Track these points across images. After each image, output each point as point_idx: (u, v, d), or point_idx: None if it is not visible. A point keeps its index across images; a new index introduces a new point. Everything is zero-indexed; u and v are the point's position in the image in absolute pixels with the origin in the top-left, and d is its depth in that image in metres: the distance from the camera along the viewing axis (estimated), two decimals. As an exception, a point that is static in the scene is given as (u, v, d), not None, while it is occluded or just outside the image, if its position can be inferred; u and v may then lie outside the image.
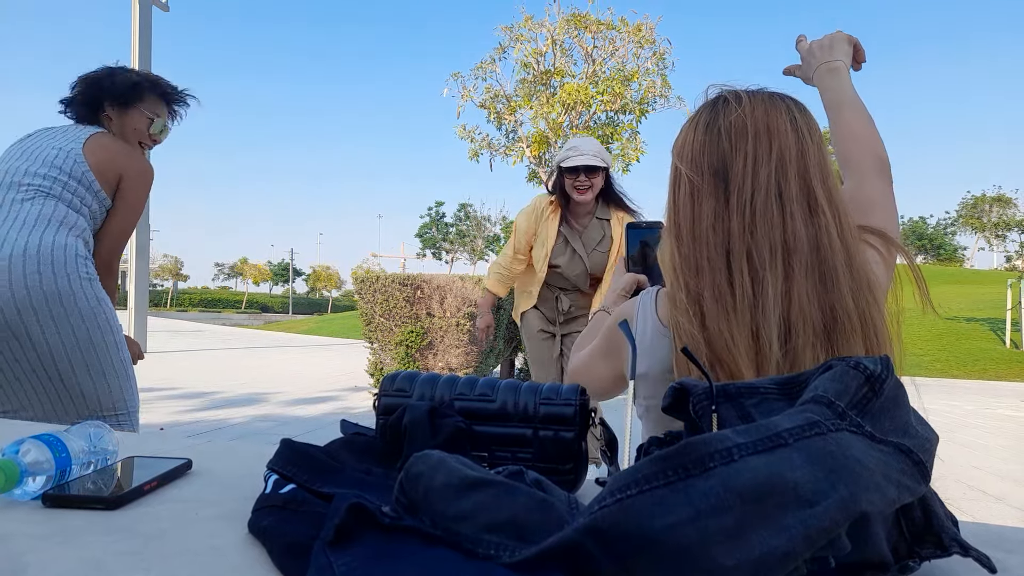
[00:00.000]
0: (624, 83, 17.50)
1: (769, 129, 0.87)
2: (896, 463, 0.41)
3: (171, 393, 6.08)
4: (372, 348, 6.26)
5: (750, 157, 0.85)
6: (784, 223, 0.83)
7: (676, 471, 0.37)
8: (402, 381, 0.75)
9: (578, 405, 0.70)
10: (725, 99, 0.91)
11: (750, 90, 0.92)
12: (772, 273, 0.82)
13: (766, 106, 0.88)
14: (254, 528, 0.53)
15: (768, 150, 0.86)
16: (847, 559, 0.39)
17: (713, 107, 0.91)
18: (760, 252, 0.83)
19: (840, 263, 0.83)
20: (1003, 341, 12.77)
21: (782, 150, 0.86)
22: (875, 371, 0.45)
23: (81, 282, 1.56)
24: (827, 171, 0.88)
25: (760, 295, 0.81)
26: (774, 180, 0.85)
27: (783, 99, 0.90)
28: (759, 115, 0.87)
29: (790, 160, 0.86)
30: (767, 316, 0.80)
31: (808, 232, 0.83)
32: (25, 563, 0.47)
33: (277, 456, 0.62)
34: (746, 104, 0.89)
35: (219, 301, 76.24)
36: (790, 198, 0.84)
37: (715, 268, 0.84)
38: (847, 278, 0.83)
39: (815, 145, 0.88)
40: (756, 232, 0.83)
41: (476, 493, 0.44)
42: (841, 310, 0.81)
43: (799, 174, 0.85)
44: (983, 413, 6.58)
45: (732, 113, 0.88)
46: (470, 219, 51.77)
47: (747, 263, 0.83)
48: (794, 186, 0.85)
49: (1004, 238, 49.31)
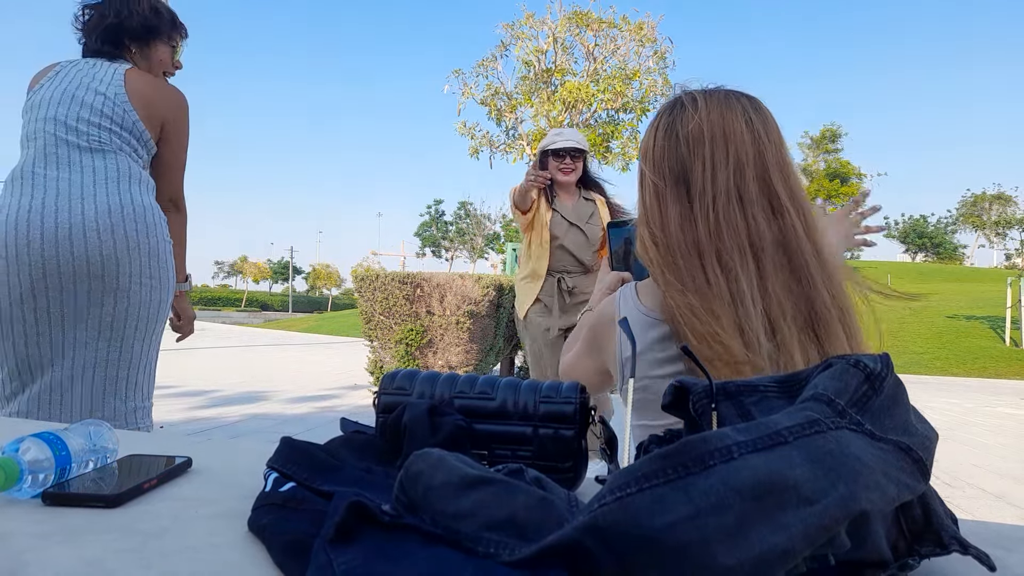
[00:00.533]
0: (625, 82, 17.49)
1: (725, 133, 0.88)
2: (896, 461, 0.41)
3: (171, 391, 6.08)
4: (372, 346, 6.26)
5: (708, 162, 0.87)
6: (748, 225, 0.85)
7: (676, 469, 0.37)
8: (402, 379, 0.75)
9: (578, 403, 0.70)
10: (682, 103, 0.92)
11: (708, 91, 0.93)
12: (745, 272, 0.84)
13: (721, 109, 0.89)
14: (254, 526, 0.53)
15: (725, 154, 0.87)
16: (847, 557, 0.39)
17: (671, 112, 0.93)
18: (730, 254, 0.84)
19: (810, 258, 0.85)
20: (1003, 339, 12.77)
21: (739, 153, 0.87)
22: (875, 369, 0.45)
23: (168, 248, 1.64)
24: (787, 169, 0.89)
25: (737, 293, 0.83)
26: (733, 183, 0.86)
27: (739, 100, 0.91)
28: (715, 119, 0.89)
29: (748, 162, 0.87)
30: (748, 312, 0.82)
31: (772, 231, 0.85)
32: (25, 561, 0.47)
33: (277, 454, 0.62)
34: (702, 108, 0.90)
35: (219, 299, 76.21)
36: (751, 200, 0.86)
37: (691, 267, 0.86)
38: (819, 271, 0.84)
39: (773, 144, 0.89)
40: (722, 235, 0.85)
41: (476, 491, 0.44)
42: (820, 303, 0.83)
43: (758, 175, 0.87)
44: (983, 411, 6.58)
45: (689, 119, 0.90)
46: (470, 217, 51.75)
47: (718, 264, 0.85)
48: (753, 188, 0.86)
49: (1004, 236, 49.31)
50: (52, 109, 1.61)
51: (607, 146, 17.84)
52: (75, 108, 1.60)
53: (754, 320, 0.82)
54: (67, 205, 1.50)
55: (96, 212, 1.51)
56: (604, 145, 17.78)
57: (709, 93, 0.92)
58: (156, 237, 1.59)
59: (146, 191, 1.62)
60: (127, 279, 1.53)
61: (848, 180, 35.50)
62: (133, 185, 1.59)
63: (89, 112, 1.60)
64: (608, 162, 18.03)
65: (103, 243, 1.49)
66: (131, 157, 1.63)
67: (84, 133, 1.58)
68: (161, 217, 1.63)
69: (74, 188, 1.52)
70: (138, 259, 1.54)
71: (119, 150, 1.61)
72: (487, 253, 51.09)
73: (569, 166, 3.20)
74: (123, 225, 1.52)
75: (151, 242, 1.57)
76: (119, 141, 1.61)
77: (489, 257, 51.16)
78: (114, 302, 1.52)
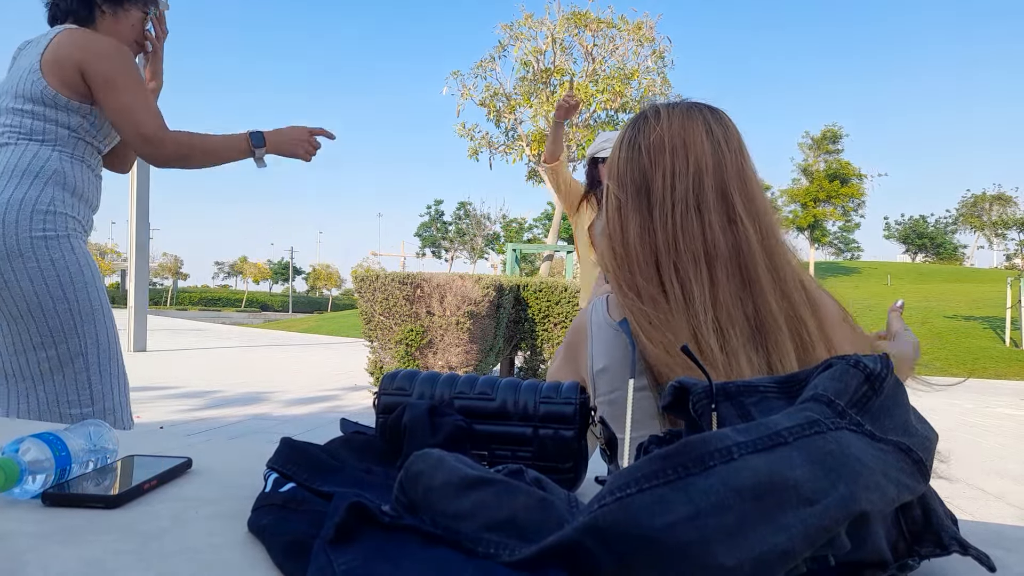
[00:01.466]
0: (624, 81, 17.50)
1: (686, 143, 0.90)
2: (896, 461, 0.41)
3: (171, 392, 6.08)
4: (372, 347, 6.26)
5: (668, 172, 0.90)
6: (704, 233, 0.87)
7: (676, 469, 0.37)
8: (402, 380, 0.75)
9: (578, 403, 0.70)
10: (645, 116, 0.95)
11: (671, 103, 0.96)
12: (698, 280, 0.86)
13: (683, 120, 0.92)
14: (254, 527, 0.53)
15: (685, 164, 0.89)
16: (847, 558, 0.39)
17: (635, 125, 0.96)
18: (685, 262, 0.87)
19: (761, 267, 0.86)
20: (1003, 339, 12.77)
21: (698, 162, 0.89)
22: (875, 370, 0.45)
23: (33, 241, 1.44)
24: (746, 179, 0.91)
25: (690, 302, 0.85)
26: (692, 192, 0.88)
27: (701, 111, 0.93)
28: (676, 130, 0.91)
29: (707, 171, 0.89)
30: (699, 320, 0.84)
31: (727, 239, 0.87)
32: (25, 562, 0.47)
33: (277, 455, 0.62)
34: (664, 120, 0.92)
35: (219, 300, 76.24)
36: (708, 208, 0.88)
37: (647, 277, 0.88)
38: (769, 281, 0.86)
39: (732, 154, 0.91)
40: (680, 243, 0.87)
41: (476, 492, 0.44)
42: (765, 311, 0.85)
43: (715, 185, 0.89)
44: (983, 411, 6.58)
45: (651, 130, 0.92)
46: (469, 217, 51.74)
47: (675, 273, 0.87)
48: (711, 196, 0.88)
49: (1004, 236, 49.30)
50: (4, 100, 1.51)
51: (607, 146, 17.81)
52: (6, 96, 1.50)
53: (704, 328, 0.84)
54: None
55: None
56: (604, 145, 17.75)
57: (672, 105, 0.95)
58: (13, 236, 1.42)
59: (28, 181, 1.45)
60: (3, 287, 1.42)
61: (848, 181, 35.49)
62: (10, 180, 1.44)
63: (12, 97, 1.49)
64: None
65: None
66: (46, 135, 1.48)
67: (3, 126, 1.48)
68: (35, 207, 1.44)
69: None
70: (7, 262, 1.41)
71: (27, 136, 1.47)
72: (487, 253, 51.10)
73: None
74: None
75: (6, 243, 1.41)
76: (32, 121, 1.47)
77: (489, 257, 51.18)
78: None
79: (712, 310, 0.85)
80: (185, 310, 59.65)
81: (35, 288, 1.43)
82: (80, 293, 1.48)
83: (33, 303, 1.44)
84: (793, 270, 0.89)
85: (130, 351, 9.63)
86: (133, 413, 1.64)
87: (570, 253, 14.10)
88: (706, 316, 0.84)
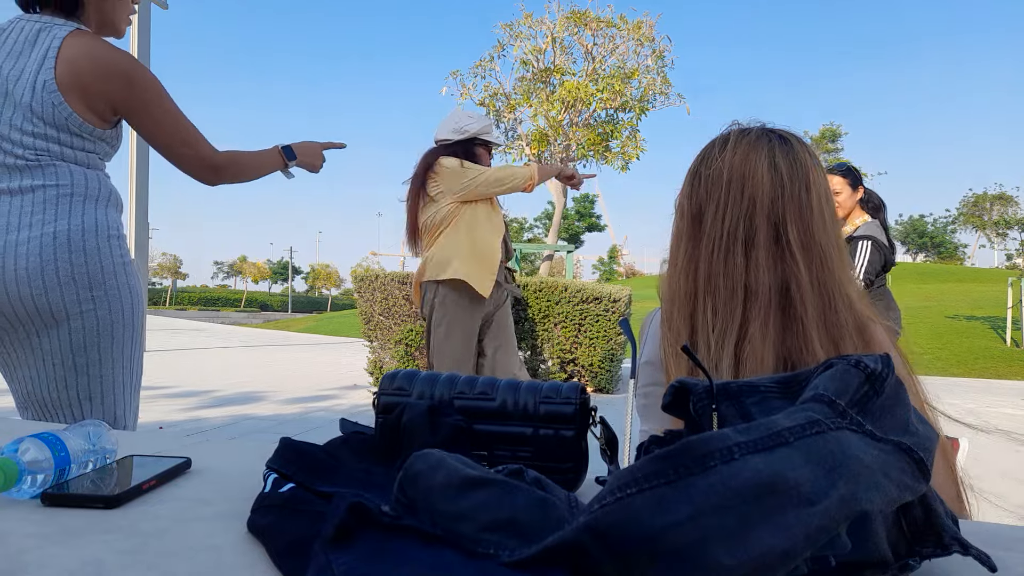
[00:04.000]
0: (624, 81, 17.50)
1: (743, 176, 0.89)
2: (896, 461, 0.41)
3: (170, 392, 6.08)
4: (371, 347, 6.26)
5: (721, 204, 0.89)
6: (747, 268, 0.86)
7: (676, 470, 0.37)
8: (402, 380, 0.75)
9: (578, 404, 0.70)
10: (713, 145, 0.94)
11: (742, 130, 0.94)
12: (731, 316, 0.86)
13: (747, 151, 0.90)
14: (253, 527, 0.53)
15: (739, 196, 0.88)
16: (847, 558, 0.39)
17: (702, 154, 0.95)
18: (721, 295, 0.87)
19: (809, 305, 0.83)
20: (1004, 339, 12.77)
21: (753, 196, 0.88)
22: (876, 369, 0.45)
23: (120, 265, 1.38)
24: (806, 213, 0.87)
25: (718, 332, 0.86)
26: (743, 226, 0.87)
27: (768, 142, 0.91)
28: (737, 162, 0.90)
29: (760, 205, 0.87)
30: (720, 351, 0.85)
31: (774, 276, 0.85)
32: (24, 562, 0.47)
33: (276, 455, 0.62)
34: (728, 150, 0.91)
35: (218, 300, 76.19)
36: (757, 244, 0.86)
37: (683, 315, 0.90)
38: (816, 319, 0.83)
39: (795, 186, 0.88)
40: (720, 278, 0.87)
41: (476, 492, 0.44)
42: (807, 352, 0.82)
43: (768, 219, 0.87)
44: (983, 411, 6.58)
45: (713, 160, 0.92)
46: (470, 217, 51.59)
47: (710, 305, 0.87)
48: (762, 231, 0.87)
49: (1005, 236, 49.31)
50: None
51: (606, 145, 17.85)
52: (12, 111, 1.31)
53: (724, 360, 0.84)
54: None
55: (27, 252, 1.28)
56: (603, 144, 17.78)
57: (742, 132, 0.93)
58: (97, 263, 1.34)
59: (92, 205, 1.36)
60: (63, 313, 1.32)
61: (848, 180, 35.43)
62: (74, 204, 1.33)
63: (14, 113, 1.30)
64: (608, 161, 18.04)
65: (33, 290, 1.29)
66: (77, 160, 1.36)
67: (15, 144, 1.30)
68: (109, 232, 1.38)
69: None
70: (74, 291, 1.32)
71: (58, 159, 1.33)
72: (487, 253, 50.97)
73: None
74: (54, 263, 1.29)
75: (90, 270, 1.33)
76: (58, 147, 1.33)
77: (489, 257, 51.07)
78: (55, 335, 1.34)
79: (735, 343, 0.84)
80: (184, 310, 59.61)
81: (112, 316, 1.38)
82: (140, 319, 1.45)
83: (105, 331, 1.37)
84: (854, 313, 0.85)
85: (130, 351, 9.62)
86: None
87: (571, 252, 14.10)
88: (727, 348, 0.84)
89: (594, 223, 46.93)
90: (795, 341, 0.83)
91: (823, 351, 0.82)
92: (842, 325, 0.84)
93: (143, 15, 9.46)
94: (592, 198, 46.58)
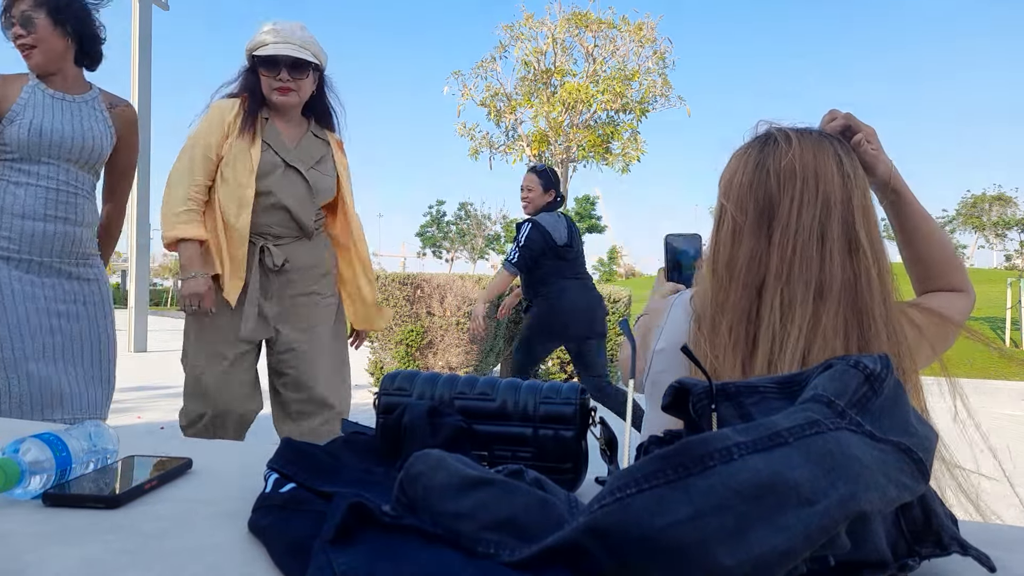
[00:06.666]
0: (625, 82, 17.49)
1: (816, 173, 0.90)
2: (895, 462, 0.41)
3: (171, 392, 6.07)
4: (372, 347, 6.25)
5: (796, 199, 0.90)
6: (822, 264, 0.88)
7: (676, 470, 0.37)
8: (402, 380, 0.75)
9: (578, 404, 0.70)
10: (775, 139, 0.94)
11: (799, 130, 0.95)
12: (802, 309, 0.86)
13: (814, 149, 0.92)
14: (254, 527, 0.53)
15: (815, 193, 0.90)
16: (846, 558, 0.39)
17: (763, 146, 0.95)
18: (793, 290, 0.87)
19: (877, 301, 0.87)
20: (1003, 339, 12.76)
21: (827, 194, 0.89)
22: (875, 370, 0.45)
23: None
24: (869, 214, 0.91)
25: (785, 327, 0.86)
26: (818, 222, 0.89)
27: (831, 142, 0.93)
28: (807, 158, 0.91)
29: (835, 203, 0.89)
30: (784, 349, 0.85)
31: (845, 274, 0.88)
32: (25, 562, 0.47)
33: (277, 455, 0.62)
34: (795, 146, 0.92)
35: (219, 300, 75.79)
36: (831, 240, 0.88)
37: (748, 299, 0.89)
38: (882, 315, 0.87)
39: (859, 189, 0.91)
40: (793, 271, 0.88)
41: (476, 492, 0.44)
42: (875, 346, 0.85)
43: (842, 217, 0.89)
44: (983, 412, 6.57)
45: (782, 155, 0.92)
46: (470, 218, 51.73)
47: (779, 299, 0.87)
48: (836, 228, 0.89)
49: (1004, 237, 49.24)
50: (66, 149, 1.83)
51: (607, 147, 17.85)
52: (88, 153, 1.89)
53: (786, 357, 0.85)
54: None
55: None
56: (604, 146, 17.78)
57: (802, 132, 0.95)
58: None
59: None
60: None
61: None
62: None
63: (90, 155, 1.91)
64: (608, 163, 18.04)
65: None
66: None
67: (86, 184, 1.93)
68: None
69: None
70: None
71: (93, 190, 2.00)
72: (487, 254, 51.09)
73: (288, 84, 2.02)
74: None
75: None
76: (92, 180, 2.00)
77: (489, 258, 51.17)
78: None
79: (805, 340, 0.85)
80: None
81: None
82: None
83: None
84: (900, 306, 0.90)
85: (130, 351, 9.63)
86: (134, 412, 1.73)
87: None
88: (796, 346, 0.85)
89: (594, 224, 46.94)
90: (867, 335, 0.86)
91: (888, 344, 0.86)
92: (897, 319, 0.89)
93: (144, 16, 9.46)
94: (593, 199, 46.58)
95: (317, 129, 2.20)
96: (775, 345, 0.86)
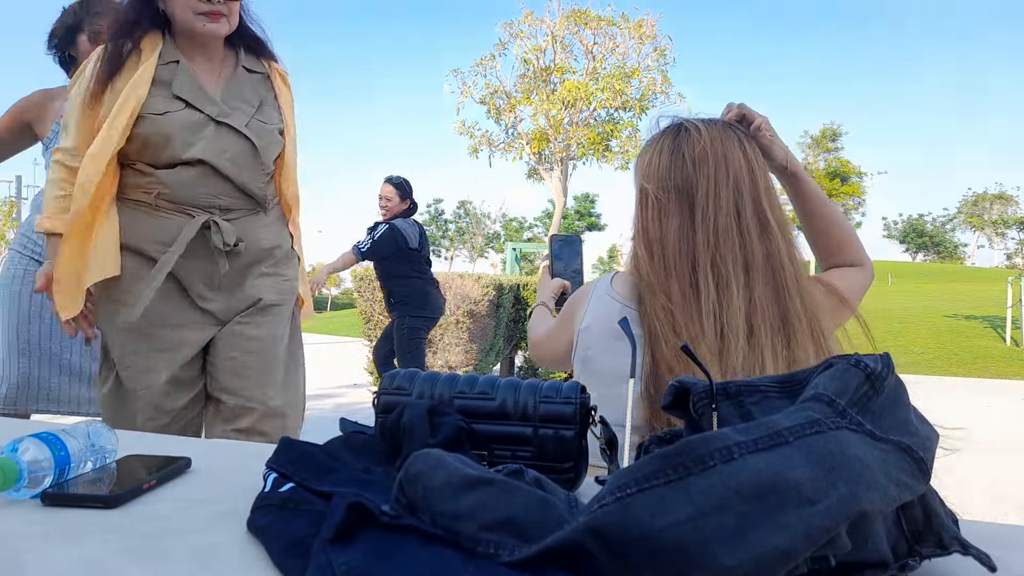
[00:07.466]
0: (624, 80, 17.49)
1: (726, 157, 1.00)
2: (896, 461, 0.41)
3: (171, 390, 6.06)
4: (371, 346, 6.25)
5: (711, 181, 0.99)
6: (743, 239, 0.97)
7: (676, 469, 0.37)
8: (401, 379, 0.75)
9: (578, 403, 0.70)
10: (686, 128, 1.04)
11: (706, 120, 1.06)
12: (736, 281, 0.95)
13: (722, 137, 1.02)
14: (253, 527, 0.53)
15: (726, 175, 0.99)
16: (847, 558, 0.39)
17: (676, 135, 1.04)
18: (724, 264, 0.96)
19: (788, 272, 0.97)
20: (1003, 339, 12.77)
21: (737, 176, 0.99)
22: (875, 369, 0.45)
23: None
24: (772, 195, 1.02)
25: (725, 299, 0.94)
26: (732, 202, 0.98)
27: (734, 130, 1.04)
28: (716, 145, 1.01)
29: (744, 185, 0.99)
30: (732, 317, 0.93)
31: (761, 248, 0.97)
32: (24, 562, 0.47)
33: (276, 454, 0.62)
34: (705, 134, 1.02)
35: (219, 298, 75.86)
36: (746, 218, 0.98)
37: (680, 275, 0.97)
38: (794, 284, 0.97)
39: (762, 171, 1.02)
40: (720, 246, 0.96)
41: (476, 492, 0.44)
42: (793, 313, 0.95)
43: (752, 197, 0.99)
44: (983, 411, 6.58)
45: (695, 142, 1.01)
46: (469, 216, 51.76)
47: (711, 272, 0.96)
48: (749, 208, 0.98)
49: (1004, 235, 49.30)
50: None
51: (607, 145, 17.85)
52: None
53: (738, 324, 0.92)
54: None
55: None
56: (604, 144, 17.78)
57: (709, 122, 1.05)
58: None
59: None
60: None
61: (848, 179, 35.50)
62: None
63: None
64: (608, 160, 18.05)
65: None
66: None
67: None
68: None
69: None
70: None
71: None
72: (487, 252, 51.11)
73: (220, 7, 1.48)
74: None
75: None
76: None
77: (489, 256, 51.18)
78: None
79: (745, 308, 0.94)
80: (185, 309, 59.32)
81: None
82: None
83: None
84: (804, 275, 1.00)
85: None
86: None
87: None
88: (740, 313, 0.93)
89: (594, 222, 46.97)
90: (786, 303, 0.95)
91: (803, 311, 0.95)
92: (804, 286, 0.98)
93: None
94: (592, 197, 46.60)
95: (250, 62, 1.64)
96: (722, 314, 0.93)
